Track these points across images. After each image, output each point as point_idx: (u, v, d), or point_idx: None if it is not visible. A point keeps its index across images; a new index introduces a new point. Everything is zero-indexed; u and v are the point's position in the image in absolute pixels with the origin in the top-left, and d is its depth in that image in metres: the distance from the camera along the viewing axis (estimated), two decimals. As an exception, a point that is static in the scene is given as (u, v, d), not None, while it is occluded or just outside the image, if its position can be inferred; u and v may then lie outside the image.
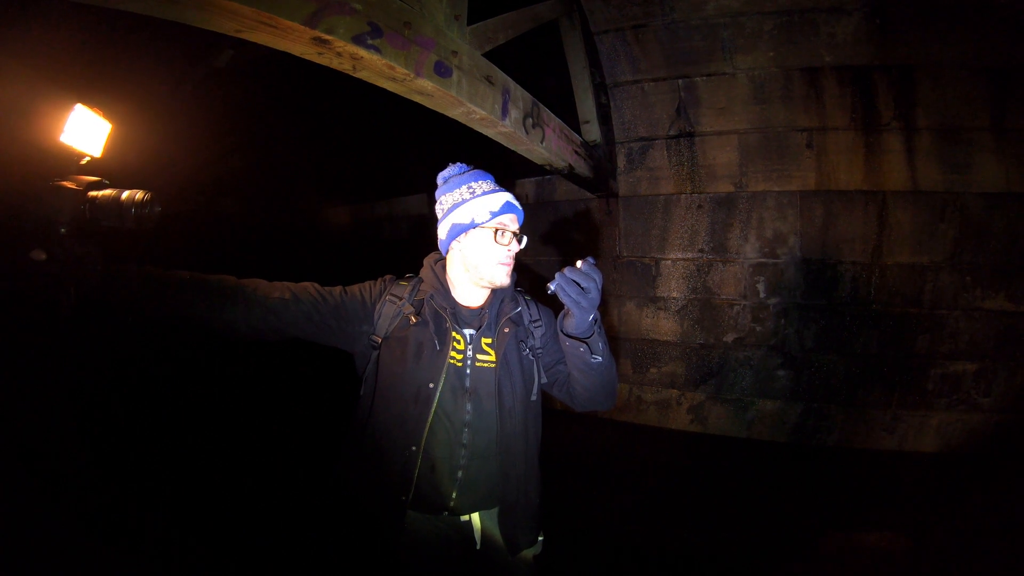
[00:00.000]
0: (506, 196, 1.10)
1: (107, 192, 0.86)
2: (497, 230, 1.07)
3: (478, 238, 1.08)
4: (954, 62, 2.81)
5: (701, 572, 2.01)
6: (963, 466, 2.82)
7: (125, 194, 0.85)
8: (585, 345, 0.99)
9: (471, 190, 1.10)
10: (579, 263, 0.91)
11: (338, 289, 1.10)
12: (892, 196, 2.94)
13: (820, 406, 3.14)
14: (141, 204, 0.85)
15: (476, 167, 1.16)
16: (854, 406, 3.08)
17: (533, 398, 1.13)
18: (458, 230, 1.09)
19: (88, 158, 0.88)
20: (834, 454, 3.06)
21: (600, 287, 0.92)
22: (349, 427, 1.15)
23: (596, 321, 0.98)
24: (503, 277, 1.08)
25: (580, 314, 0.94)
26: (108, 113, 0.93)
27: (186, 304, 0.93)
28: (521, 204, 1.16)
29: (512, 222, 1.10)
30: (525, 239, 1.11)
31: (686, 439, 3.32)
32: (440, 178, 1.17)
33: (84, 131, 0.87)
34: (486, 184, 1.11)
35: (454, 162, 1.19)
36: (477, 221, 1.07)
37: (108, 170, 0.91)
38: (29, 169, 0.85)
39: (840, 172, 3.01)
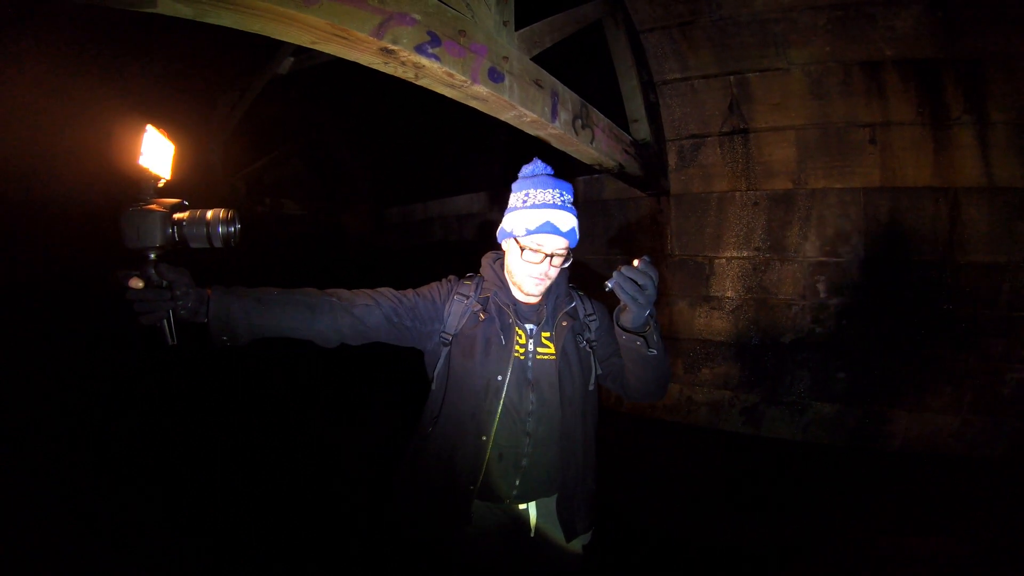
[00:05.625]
0: (549, 215, 1.08)
1: (191, 213, 0.84)
2: (523, 249, 1.09)
3: (513, 249, 1.13)
4: (1028, 53, 2.68)
5: (746, 571, 2.00)
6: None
7: (210, 214, 0.84)
8: (642, 339, 1.00)
9: (525, 198, 1.12)
10: (636, 261, 0.92)
11: (411, 292, 1.16)
12: (964, 193, 2.82)
13: (883, 410, 3.03)
14: (227, 222, 0.84)
15: (550, 172, 1.17)
16: (920, 411, 2.97)
17: (591, 388, 1.18)
18: (503, 235, 1.16)
19: (164, 181, 0.85)
20: (896, 459, 2.95)
21: (656, 284, 0.93)
22: (419, 422, 1.20)
23: (652, 316, 0.99)
24: (530, 288, 1.11)
25: (637, 310, 0.95)
26: (175, 129, 0.94)
27: (282, 320, 0.96)
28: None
29: (549, 241, 1.09)
30: (563, 260, 1.11)
31: (738, 440, 3.26)
32: (520, 173, 1.21)
33: (156, 153, 0.84)
34: (541, 194, 1.10)
35: (530, 159, 1.21)
36: (516, 233, 1.11)
37: (176, 190, 0.90)
38: (117, 195, 0.83)
39: (907, 168, 2.90)
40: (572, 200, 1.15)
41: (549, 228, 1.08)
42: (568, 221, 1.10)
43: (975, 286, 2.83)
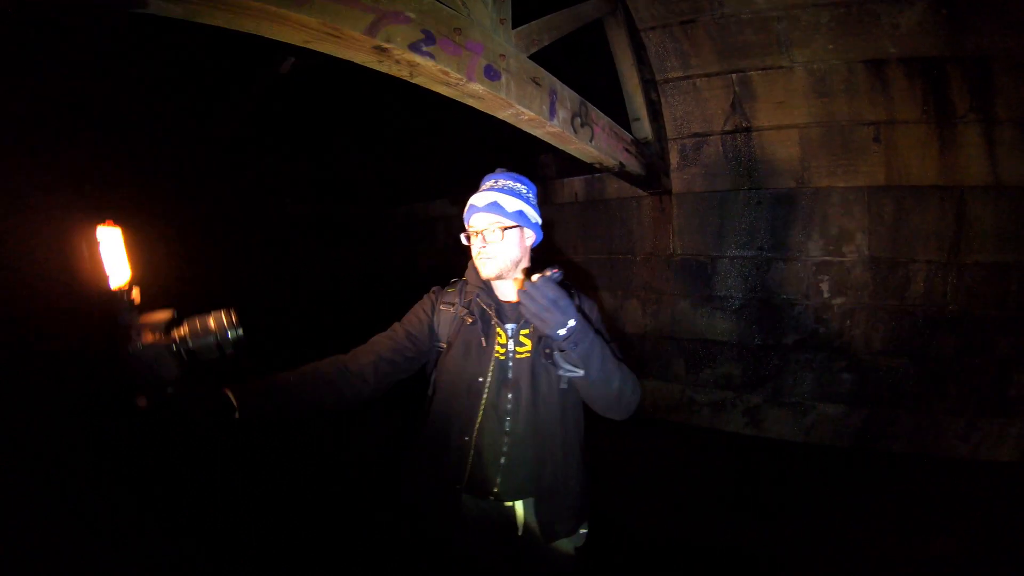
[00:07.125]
0: (472, 200, 1.14)
1: (190, 326, 0.76)
2: (462, 234, 1.17)
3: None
4: (1035, 51, 2.64)
5: (746, 572, 1.99)
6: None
7: (212, 322, 0.76)
8: (550, 358, 0.95)
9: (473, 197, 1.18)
10: (535, 276, 0.85)
11: (397, 325, 1.20)
12: (971, 191, 2.79)
13: (887, 411, 3.01)
14: (233, 326, 0.77)
15: (501, 168, 1.21)
16: (925, 412, 2.94)
17: (563, 386, 1.14)
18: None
19: (135, 288, 0.75)
20: (900, 460, 2.93)
21: (558, 303, 0.85)
22: (417, 423, 1.24)
23: (570, 339, 0.89)
24: (484, 270, 1.14)
25: (542, 327, 0.88)
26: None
27: (309, 404, 1.05)
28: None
29: (475, 221, 1.13)
30: (492, 233, 1.10)
31: (740, 441, 3.25)
32: None
33: (114, 257, 0.72)
34: (478, 194, 1.15)
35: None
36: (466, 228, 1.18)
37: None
38: (116, 335, 0.73)
39: (912, 167, 2.87)
40: (518, 187, 1.16)
41: (471, 210, 1.14)
42: (485, 198, 1.12)
43: (981, 286, 2.80)
